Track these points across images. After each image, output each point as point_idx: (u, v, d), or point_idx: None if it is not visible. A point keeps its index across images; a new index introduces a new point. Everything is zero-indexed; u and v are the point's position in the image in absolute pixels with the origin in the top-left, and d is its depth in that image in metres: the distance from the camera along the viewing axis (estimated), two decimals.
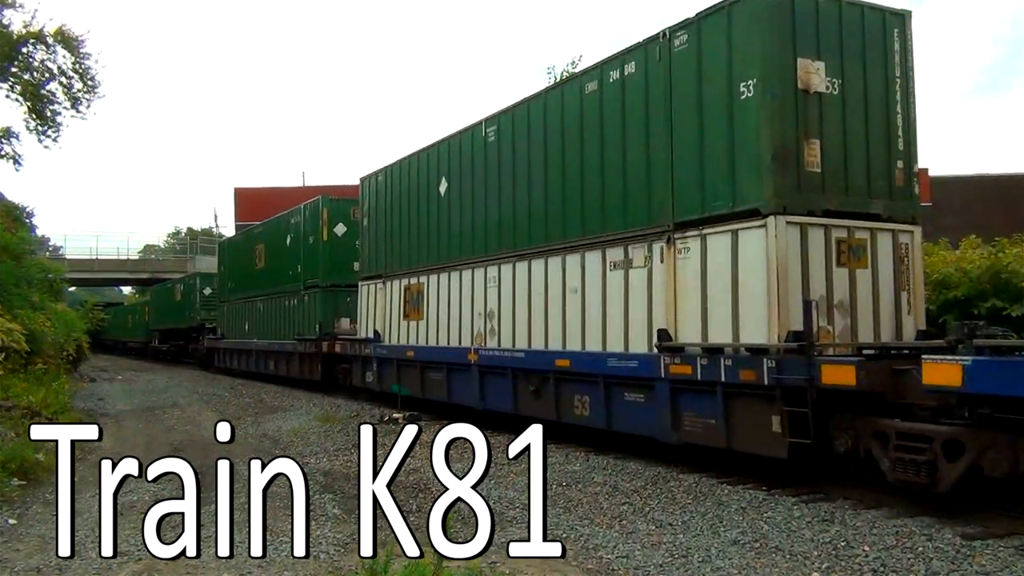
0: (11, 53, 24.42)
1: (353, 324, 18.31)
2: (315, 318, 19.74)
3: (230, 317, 28.08)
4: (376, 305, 16.22)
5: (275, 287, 23.09)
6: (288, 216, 22.44)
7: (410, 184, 15.11)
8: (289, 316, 21.76)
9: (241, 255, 27.19)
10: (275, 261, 23.27)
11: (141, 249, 70.02)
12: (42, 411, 12.74)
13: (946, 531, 6.23)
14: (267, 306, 23.80)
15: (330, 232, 19.64)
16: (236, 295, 27.40)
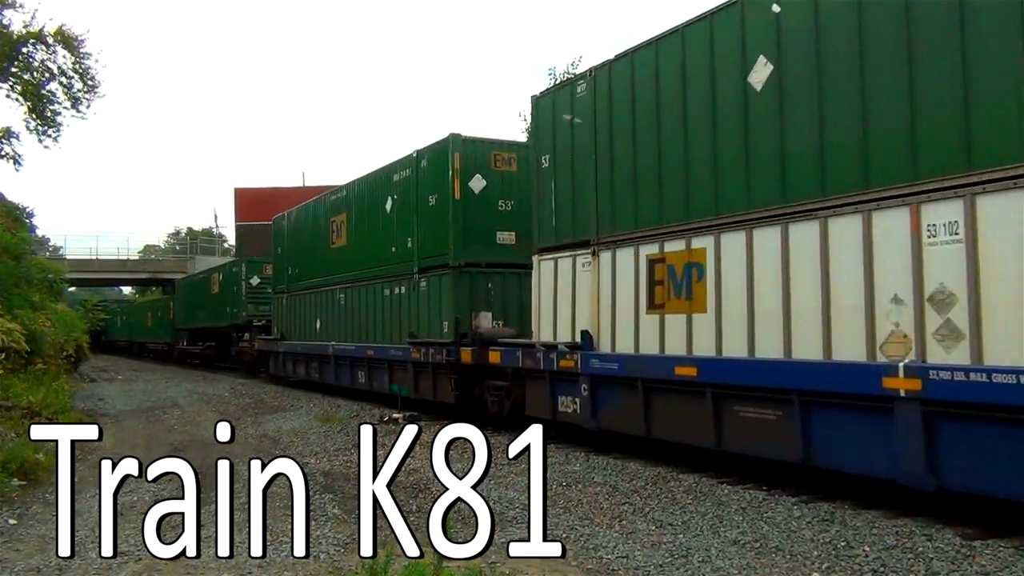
0: (11, 53, 24.43)
1: (498, 322, 13.56)
2: (442, 312, 13.83)
3: (292, 313, 22.09)
4: (580, 291, 10.57)
5: (367, 270, 16.96)
6: (388, 172, 16.10)
7: (670, 80, 9.13)
8: (391, 311, 15.78)
9: (308, 232, 21.07)
10: (367, 236, 17.12)
11: (141, 249, 70.21)
12: (42, 411, 12.74)
13: (946, 531, 6.23)
14: (353, 297, 17.65)
15: (464, 188, 13.75)
16: (300, 284, 21.43)
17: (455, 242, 13.69)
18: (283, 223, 23.37)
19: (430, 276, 14.38)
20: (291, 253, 22.42)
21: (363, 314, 17.21)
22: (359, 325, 17.38)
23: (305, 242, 21.25)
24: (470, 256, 13.71)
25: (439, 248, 14.01)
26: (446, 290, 13.81)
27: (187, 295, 37.14)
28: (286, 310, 22.70)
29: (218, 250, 58.75)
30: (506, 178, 14.04)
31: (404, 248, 15.28)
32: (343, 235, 18.50)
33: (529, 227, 12.17)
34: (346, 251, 18.32)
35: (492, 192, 13.93)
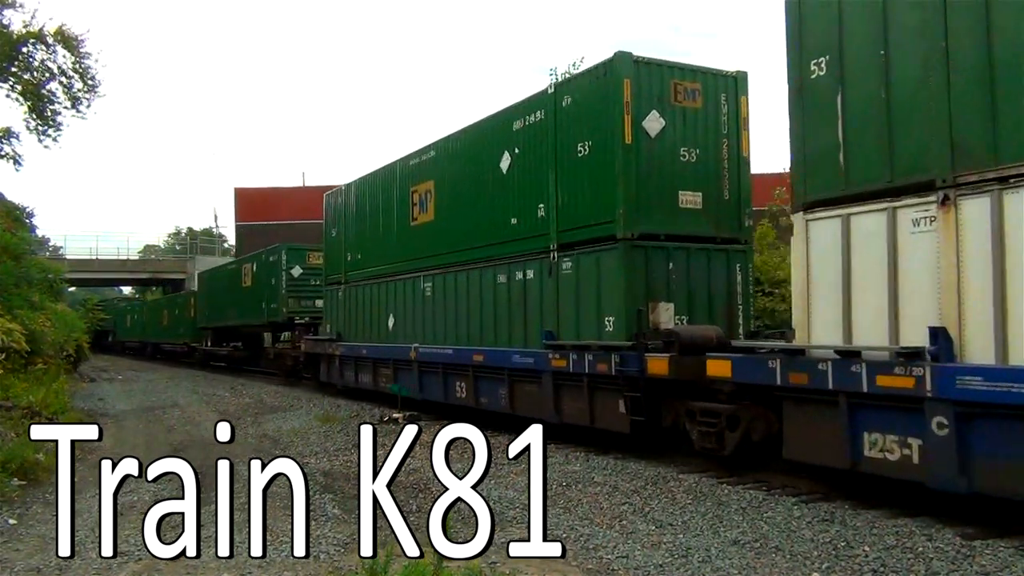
0: (11, 53, 24.41)
1: (680, 318, 10.09)
2: (601, 304, 10.24)
3: (352, 308, 18.01)
4: (909, 264, 6.88)
5: (469, 252, 13.19)
6: (504, 120, 12.42)
7: None
8: (510, 303, 12.01)
9: (376, 208, 16.90)
10: (467, 206, 13.39)
11: (141, 249, 70.23)
12: (42, 411, 12.74)
13: (946, 531, 6.23)
14: (446, 287, 13.89)
15: (636, 130, 10.05)
16: (364, 272, 17.36)
17: (626, 205, 9.94)
18: (338, 200, 19.02)
19: (579, 254, 10.63)
20: (351, 235, 18.12)
21: (463, 308, 13.27)
22: (456, 322, 13.47)
23: (372, 221, 17.03)
24: (646, 225, 10.05)
25: (597, 214, 10.33)
26: (611, 272, 10.08)
27: (211, 290, 32.27)
28: (343, 305, 18.45)
29: (218, 250, 58.75)
30: (689, 118, 10.43)
31: (531, 219, 11.59)
32: (429, 208, 14.62)
33: (716, 187, 10.31)
34: (434, 228, 14.41)
35: (671, 137, 10.28)
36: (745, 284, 10.68)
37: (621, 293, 9.95)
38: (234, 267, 29.76)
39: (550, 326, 11.09)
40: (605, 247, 10.20)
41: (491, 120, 12.94)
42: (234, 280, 28.69)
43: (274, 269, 24.44)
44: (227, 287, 29.62)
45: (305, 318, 23.17)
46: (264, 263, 25.57)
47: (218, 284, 31.36)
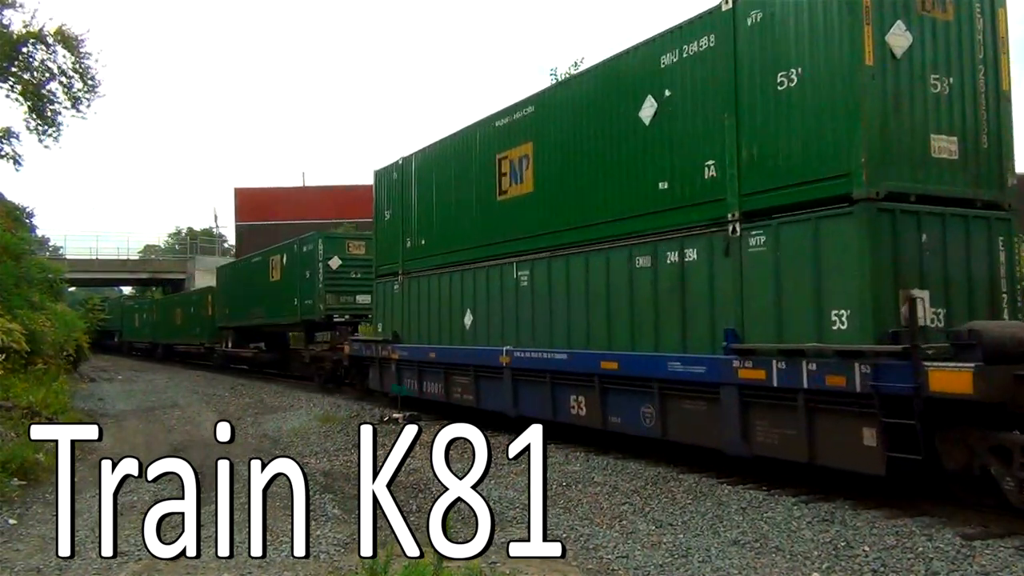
0: (11, 53, 24.41)
1: (937, 311, 7.41)
2: (822, 294, 7.45)
3: (412, 303, 14.97)
4: None
5: (591, 229, 10.34)
6: (644, 57, 9.67)
7: None
8: (659, 293, 9.25)
9: (448, 180, 13.91)
10: (588, 171, 10.45)
11: (141, 249, 70.19)
12: (42, 411, 12.75)
13: (946, 531, 6.23)
14: (553, 275, 10.99)
15: (879, 49, 7.43)
16: (430, 261, 14.31)
17: (870, 151, 7.19)
18: (393, 177, 15.83)
19: (780, 224, 7.85)
20: (412, 218, 15.04)
21: (578, 301, 10.38)
22: (569, 320, 10.54)
23: (441, 199, 14.11)
24: (893, 180, 7.30)
25: (817, 167, 7.52)
26: (843, 247, 7.30)
27: (233, 285, 28.87)
28: (400, 300, 15.34)
29: (218, 250, 58.77)
30: (939, 33, 7.74)
31: (693, 180, 8.83)
32: (525, 177, 11.61)
33: (973, 130, 7.80)
34: (533, 202, 11.45)
35: (919, 59, 7.60)
36: (1010, 264, 7.94)
37: (862, 276, 7.07)
38: (259, 260, 25.88)
39: (729, 323, 8.19)
40: (831, 212, 7.35)
41: (623, 59, 9.94)
42: (260, 274, 25.40)
43: (308, 260, 21.17)
44: (251, 282, 26.32)
45: (345, 316, 20.34)
46: (296, 254, 22.28)
47: (241, 279, 28.01)
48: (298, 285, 21.86)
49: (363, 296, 19.63)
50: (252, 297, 26.21)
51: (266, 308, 24.72)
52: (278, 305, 23.60)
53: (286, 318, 23.16)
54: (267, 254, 25.15)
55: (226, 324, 29.69)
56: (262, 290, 25.13)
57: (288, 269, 23.10)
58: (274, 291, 23.97)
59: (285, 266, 23.38)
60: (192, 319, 35.37)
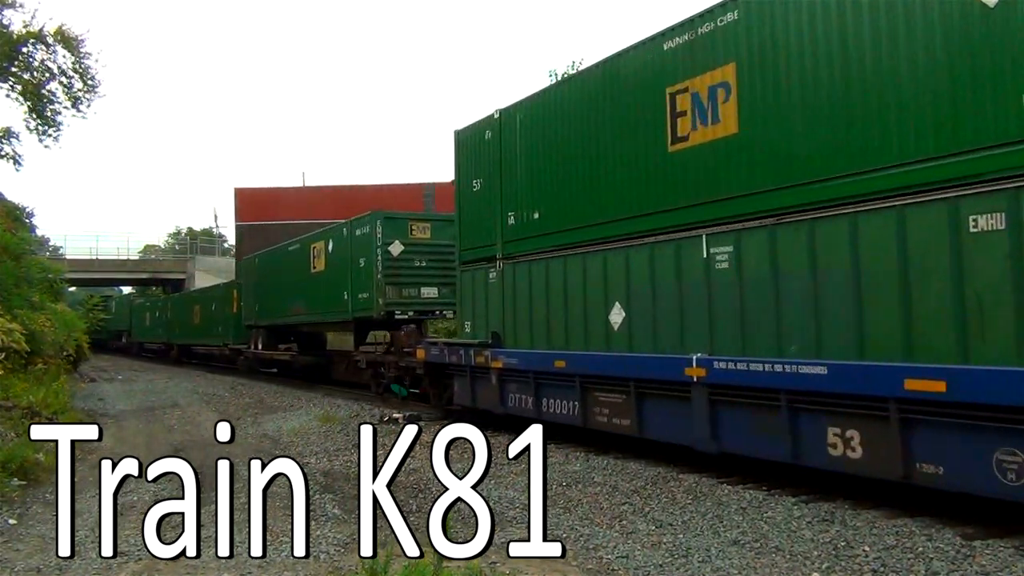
0: (11, 53, 24.43)
1: None
2: None
3: (521, 295, 11.70)
4: None
5: (878, 173, 6.81)
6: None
7: None
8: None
9: (581, 134, 10.59)
10: (858, 92, 7.01)
11: (141, 249, 70.20)
12: (42, 411, 12.75)
13: (946, 531, 6.24)
14: (784, 248, 7.69)
15: None
16: (546, 238, 11.19)
17: None
18: (483, 137, 12.45)
19: None
20: (518, 185, 11.66)
21: (839, 289, 7.14)
22: (819, 318, 7.34)
23: (569, 156, 10.72)
24: None
25: None
26: None
27: (264, 278, 25.16)
28: (499, 292, 12.03)
29: (218, 250, 58.81)
30: None
31: None
32: (724, 114, 8.37)
33: None
34: (737, 148, 8.22)
35: None
36: None
37: None
38: (297, 248, 22.20)
39: None
40: None
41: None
42: (297, 264, 21.81)
43: (363, 246, 17.57)
44: (287, 274, 22.77)
45: (408, 312, 17.09)
46: (346, 239, 18.57)
47: (273, 271, 24.29)
48: (349, 276, 18.27)
49: (429, 289, 17.06)
50: (288, 291, 22.64)
51: (307, 304, 21.30)
52: (322, 300, 20.01)
53: (333, 315, 19.48)
54: (307, 241, 21.40)
55: (255, 322, 25.86)
56: (301, 283, 21.55)
57: (335, 257, 19.33)
58: (317, 284, 20.46)
59: (331, 254, 19.57)
60: (213, 317, 31.17)
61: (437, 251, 16.67)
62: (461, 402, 13.16)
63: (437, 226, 17.10)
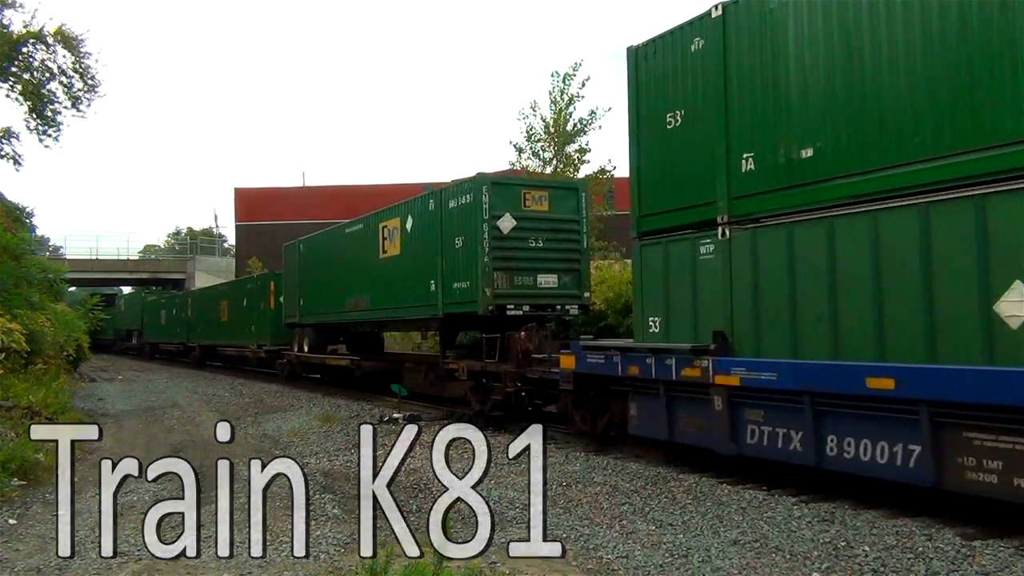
0: (11, 53, 24.43)
1: None
2: None
3: (772, 277, 7.97)
4: None
5: None
6: None
7: None
8: None
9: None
10: None
11: (141, 249, 70.21)
12: (42, 411, 12.75)
13: (946, 531, 6.24)
14: None
15: None
16: (850, 181, 7.11)
17: None
18: (688, 48, 8.91)
19: None
20: (761, 104, 8.10)
21: None
22: None
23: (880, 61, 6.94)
24: None
25: None
26: None
27: (311, 266, 21.09)
28: (722, 274, 8.51)
29: (218, 250, 58.82)
30: None
31: None
32: None
33: None
34: None
35: None
36: None
37: None
38: (359, 228, 17.88)
39: None
40: None
41: None
42: (359, 249, 17.62)
43: (462, 222, 13.50)
44: (344, 261, 18.70)
45: (523, 307, 13.16)
46: (434, 214, 14.40)
47: (324, 258, 20.13)
48: (439, 261, 14.11)
49: (547, 277, 13.34)
50: (345, 283, 18.42)
51: (373, 297, 17.05)
52: (396, 292, 15.82)
53: (413, 311, 15.31)
54: (373, 220, 17.06)
55: (298, 320, 21.68)
56: (364, 272, 17.35)
57: (416, 237, 15.15)
58: (388, 272, 16.21)
59: (410, 234, 15.38)
60: (245, 314, 26.72)
61: (557, 227, 13.34)
62: (644, 431, 9.56)
63: (557, 195, 13.54)
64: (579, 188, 14.37)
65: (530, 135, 24.16)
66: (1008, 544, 5.90)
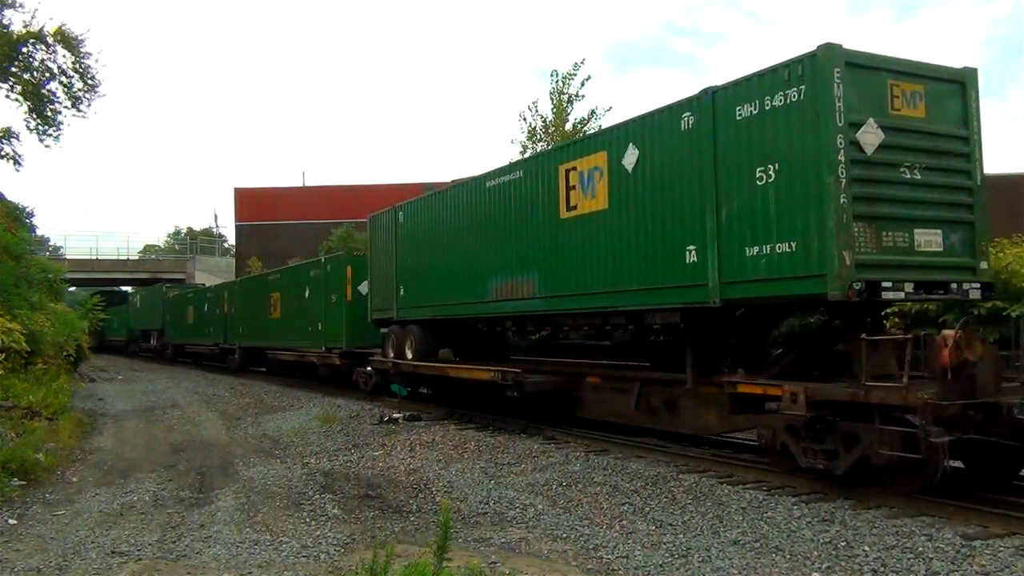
0: (11, 53, 24.44)
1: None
2: None
3: None
4: None
5: None
6: None
7: None
8: None
9: None
10: None
11: (141, 249, 70.11)
12: (42, 411, 12.76)
13: (946, 531, 6.24)
14: None
15: None
16: None
17: None
18: None
19: None
20: None
21: None
22: None
23: None
24: None
25: None
26: None
27: (418, 239, 15.37)
28: None
29: (218, 250, 58.81)
30: None
31: None
32: None
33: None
34: None
35: None
36: None
37: None
38: (518, 178, 12.16)
39: None
40: None
41: None
42: (520, 208, 11.98)
43: (775, 138, 7.86)
44: (487, 227, 12.85)
45: (904, 286, 7.59)
46: (695, 134, 8.79)
47: (448, 226, 14.19)
48: (707, 210, 8.61)
49: (928, 233, 7.98)
50: (492, 258, 12.57)
51: (548, 278, 11.20)
52: (600, 268, 10.22)
53: (646, 297, 9.53)
54: (546, 160, 11.60)
55: (398, 316, 15.82)
56: (533, 240, 11.56)
57: (649, 177, 9.48)
58: (582, 237, 10.53)
59: (634, 173, 9.67)
60: (307, 309, 20.85)
61: (939, 148, 8.11)
62: None
63: (935, 91, 8.17)
64: (965, 81, 8.34)
65: (531, 135, 24.19)
66: (1008, 544, 5.90)
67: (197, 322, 32.71)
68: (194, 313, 33.31)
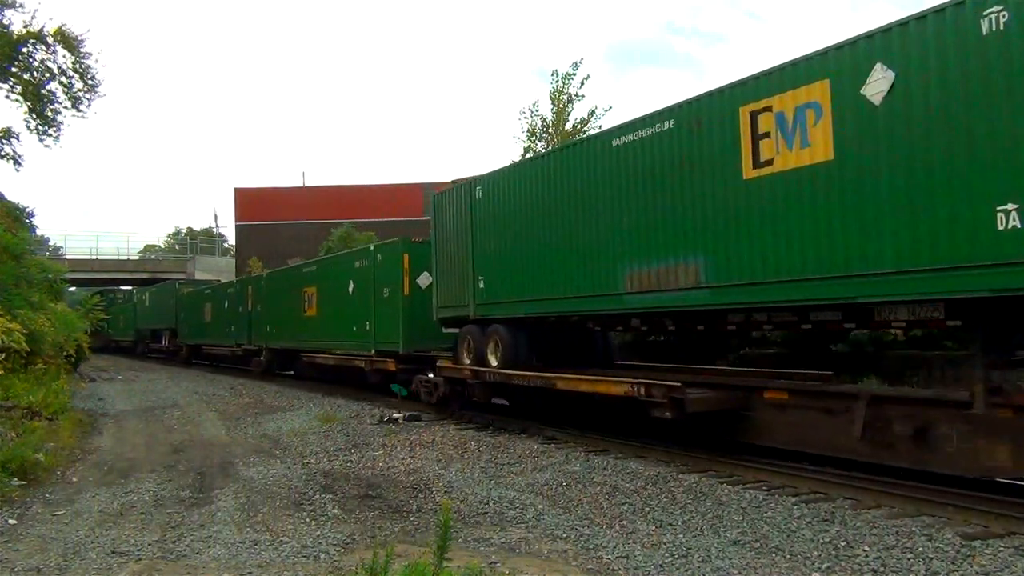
0: (11, 53, 24.45)
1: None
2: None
3: None
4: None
5: None
6: None
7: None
8: None
9: None
10: None
11: (141, 249, 70.19)
12: (42, 411, 12.75)
13: (946, 531, 6.24)
14: None
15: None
16: None
17: None
18: None
19: None
20: None
21: None
22: None
23: None
24: None
25: None
26: None
27: (503, 219, 12.34)
28: None
29: (218, 250, 58.83)
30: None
31: None
32: None
33: None
34: None
35: None
36: None
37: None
38: (668, 128, 9.24)
39: None
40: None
41: None
42: (672, 168, 9.13)
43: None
44: (614, 197, 10.02)
45: None
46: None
47: (549, 200, 11.32)
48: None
49: None
50: (622, 239, 9.95)
51: (719, 260, 8.58)
52: (833, 247, 7.36)
53: (920, 282, 6.63)
54: (719, 103, 8.60)
55: (475, 313, 13.15)
56: (697, 210, 8.87)
57: (947, 110, 6.45)
58: (777, 202, 7.90)
59: (914, 99, 6.69)
60: (351, 305, 18.02)
61: None
62: None
63: None
64: None
65: (532, 134, 24.27)
66: (1008, 544, 5.90)
67: (216, 321, 29.28)
68: (212, 311, 29.86)
